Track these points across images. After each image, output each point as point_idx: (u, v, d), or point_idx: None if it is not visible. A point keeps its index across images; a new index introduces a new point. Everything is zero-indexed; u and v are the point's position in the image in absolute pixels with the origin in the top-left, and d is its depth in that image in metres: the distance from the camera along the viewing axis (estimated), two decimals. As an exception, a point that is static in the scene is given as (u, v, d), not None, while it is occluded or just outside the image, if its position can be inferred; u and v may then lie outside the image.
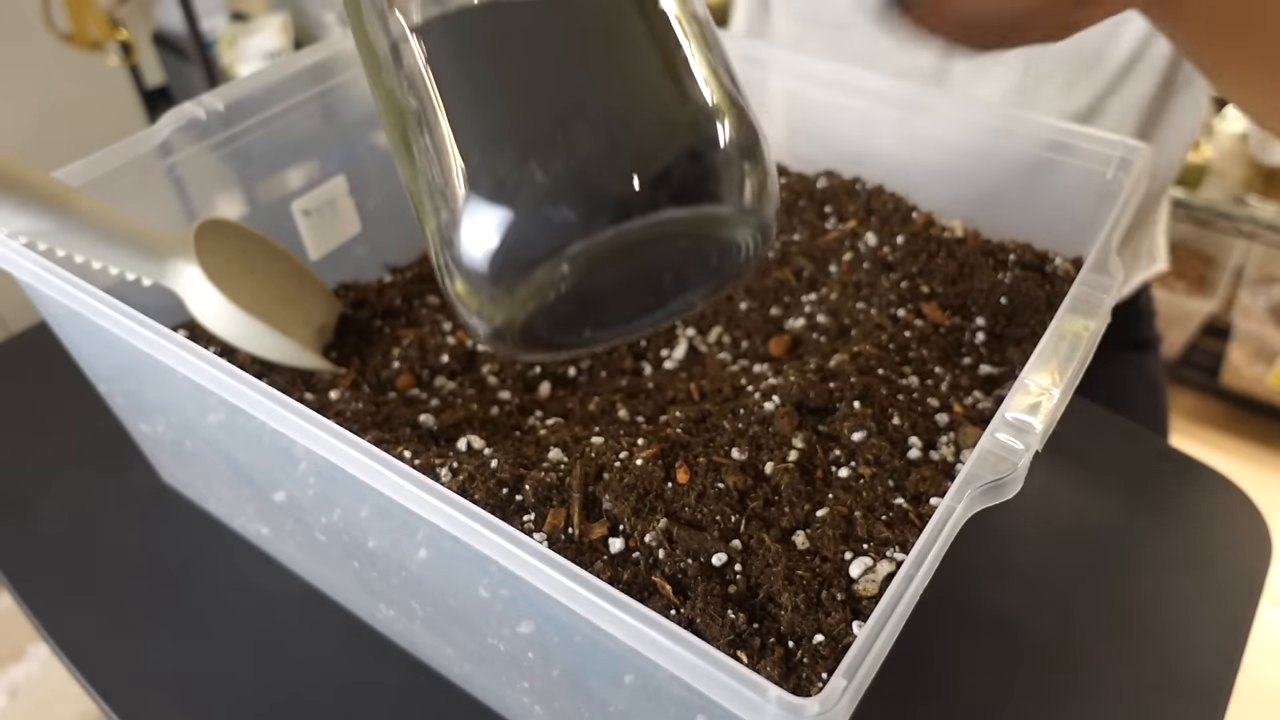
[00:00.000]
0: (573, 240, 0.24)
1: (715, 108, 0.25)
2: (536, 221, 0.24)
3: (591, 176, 0.24)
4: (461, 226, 0.25)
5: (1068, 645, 0.54)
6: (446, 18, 0.26)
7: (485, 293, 0.25)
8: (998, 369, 0.51)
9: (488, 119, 0.25)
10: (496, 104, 0.25)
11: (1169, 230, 0.83)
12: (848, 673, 0.28)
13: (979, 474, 0.33)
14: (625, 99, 0.25)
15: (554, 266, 0.25)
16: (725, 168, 0.25)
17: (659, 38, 0.26)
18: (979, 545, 0.59)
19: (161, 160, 0.54)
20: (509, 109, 0.25)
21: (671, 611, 0.38)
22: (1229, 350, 1.65)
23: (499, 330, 0.26)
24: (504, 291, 0.25)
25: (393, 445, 0.45)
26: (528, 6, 0.26)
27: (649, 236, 0.25)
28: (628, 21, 0.26)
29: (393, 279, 0.66)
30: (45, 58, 1.56)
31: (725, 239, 0.27)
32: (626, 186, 0.24)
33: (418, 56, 0.26)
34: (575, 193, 0.24)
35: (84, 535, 0.61)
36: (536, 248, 0.25)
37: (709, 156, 0.25)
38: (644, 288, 0.28)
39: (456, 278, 0.26)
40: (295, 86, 0.60)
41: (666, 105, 0.25)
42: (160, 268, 0.51)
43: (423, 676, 0.52)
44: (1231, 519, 0.62)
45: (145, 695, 0.52)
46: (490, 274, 0.25)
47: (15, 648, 1.33)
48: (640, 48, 0.26)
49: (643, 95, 0.25)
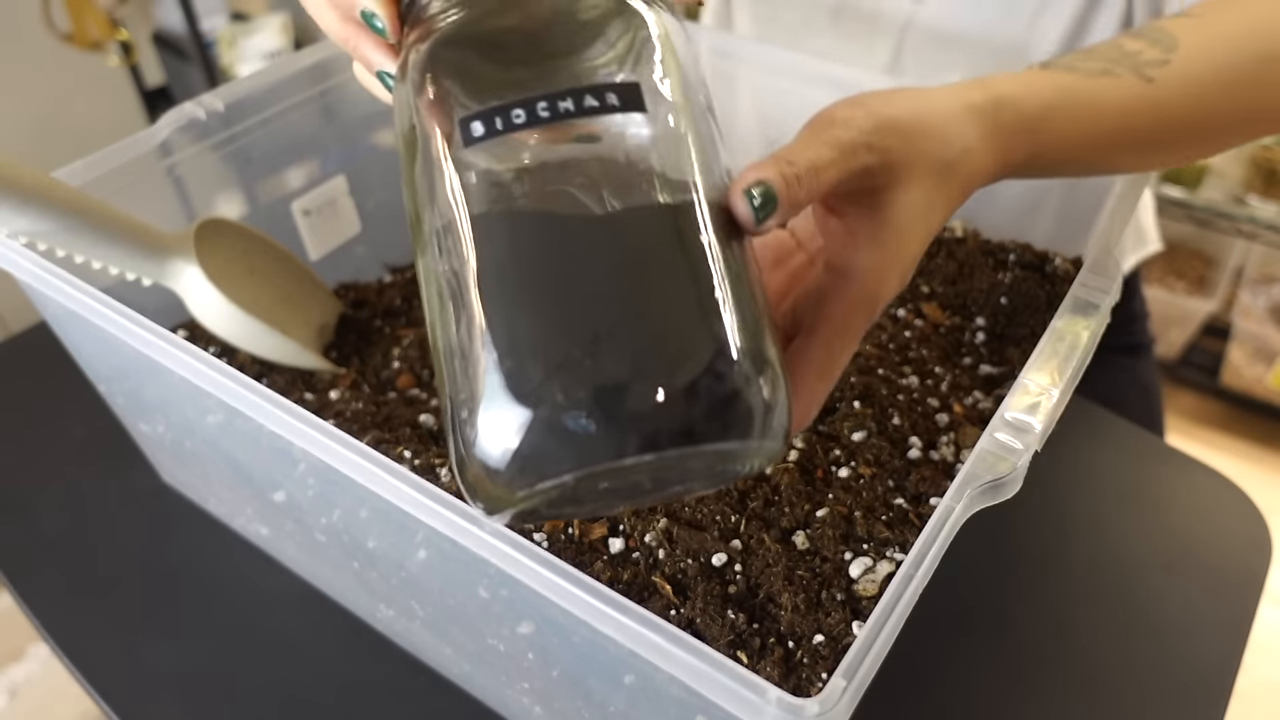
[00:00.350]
0: (588, 464, 0.25)
1: (743, 351, 0.26)
2: (556, 439, 0.25)
3: (615, 406, 0.25)
4: (480, 419, 0.25)
5: (1068, 645, 0.54)
6: (500, 215, 0.27)
7: (490, 482, 0.26)
8: (998, 369, 0.51)
9: (525, 325, 0.26)
10: (534, 312, 0.26)
11: (1156, 212, 0.83)
12: (848, 673, 0.27)
13: (979, 474, 0.33)
14: (658, 332, 0.26)
15: (564, 479, 0.25)
16: (746, 410, 0.26)
17: (697, 273, 0.26)
18: (979, 545, 0.59)
19: (161, 160, 0.54)
20: (546, 321, 0.26)
21: (671, 612, 0.38)
22: (1229, 350, 1.65)
23: (496, 509, 0.27)
24: (508, 489, 0.26)
25: (393, 445, 0.45)
26: (580, 222, 0.26)
27: (662, 462, 0.26)
28: (670, 252, 0.27)
29: (393, 279, 0.66)
30: (45, 58, 1.56)
31: (736, 465, 0.28)
32: (648, 420, 0.25)
33: (466, 241, 0.27)
34: (597, 419, 0.25)
35: (84, 535, 0.61)
36: (551, 463, 0.25)
37: (732, 399, 0.26)
38: (648, 487, 0.29)
39: (465, 460, 0.26)
40: (295, 86, 0.60)
41: (697, 344, 0.26)
42: (160, 268, 0.51)
43: (423, 676, 0.52)
44: (1231, 519, 0.62)
45: (145, 695, 0.52)
46: (501, 473, 0.25)
47: (15, 648, 1.33)
48: (679, 281, 0.26)
49: (675, 331, 0.26)
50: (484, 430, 0.25)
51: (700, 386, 0.25)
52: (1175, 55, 0.39)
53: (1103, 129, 0.38)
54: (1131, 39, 0.40)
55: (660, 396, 0.25)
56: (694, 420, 0.25)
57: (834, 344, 0.31)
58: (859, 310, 0.31)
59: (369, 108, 0.69)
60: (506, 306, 0.26)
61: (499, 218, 0.27)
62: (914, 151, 0.32)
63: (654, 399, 0.25)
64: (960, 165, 0.33)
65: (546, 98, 0.27)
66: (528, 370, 0.25)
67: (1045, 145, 0.36)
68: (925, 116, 0.32)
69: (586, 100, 0.27)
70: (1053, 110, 0.36)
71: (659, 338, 0.26)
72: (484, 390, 0.25)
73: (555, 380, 0.25)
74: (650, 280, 0.26)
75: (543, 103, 0.27)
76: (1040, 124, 0.36)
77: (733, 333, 0.26)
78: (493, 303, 0.26)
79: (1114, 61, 0.38)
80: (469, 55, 0.29)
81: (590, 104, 0.27)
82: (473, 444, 0.26)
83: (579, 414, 0.25)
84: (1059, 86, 0.37)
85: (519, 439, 0.25)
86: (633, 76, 0.28)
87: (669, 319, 0.26)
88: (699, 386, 0.25)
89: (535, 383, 0.25)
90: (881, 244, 0.32)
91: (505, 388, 0.25)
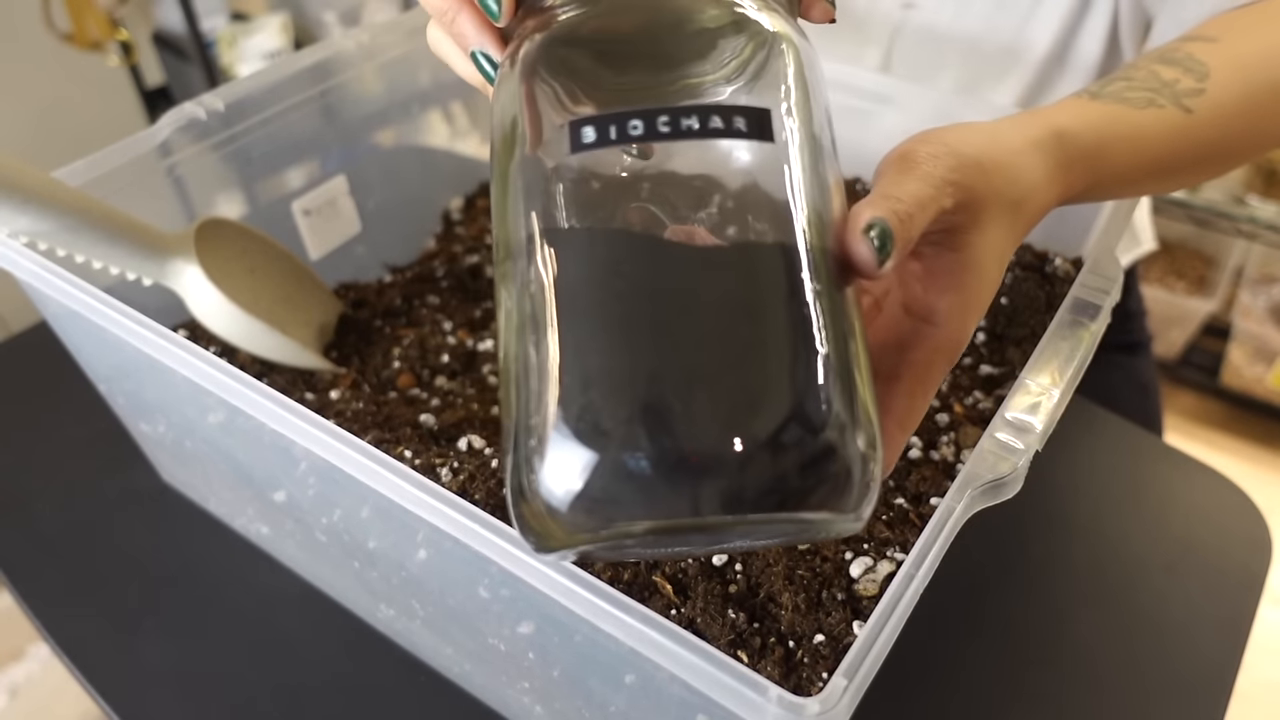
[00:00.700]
0: (662, 517, 0.23)
1: (850, 419, 0.24)
2: (630, 486, 0.23)
3: (701, 460, 0.22)
4: (548, 452, 0.23)
5: (1067, 645, 0.54)
6: (600, 234, 0.25)
7: (550, 519, 0.24)
8: (998, 369, 0.51)
9: (612, 357, 0.23)
10: (624, 345, 0.23)
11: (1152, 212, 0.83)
12: (848, 672, 0.27)
13: (979, 474, 0.33)
14: (757, 386, 0.23)
15: (632, 529, 0.23)
16: (845, 483, 0.24)
17: (805, 324, 0.24)
18: (979, 545, 0.59)
19: (161, 160, 0.54)
20: (636, 356, 0.23)
21: (672, 611, 0.38)
22: (1229, 350, 1.65)
23: (548, 548, 0.25)
24: (568, 530, 0.24)
25: (393, 445, 0.45)
26: (684, 253, 0.24)
27: (740, 523, 0.24)
28: (777, 299, 0.24)
29: (393, 279, 0.66)
30: (45, 58, 1.56)
31: (816, 531, 0.26)
32: (735, 480, 0.23)
33: (558, 255, 0.25)
34: (679, 471, 0.22)
35: (84, 535, 0.61)
36: (622, 511, 0.23)
37: (832, 469, 0.23)
38: (713, 540, 0.26)
39: (524, 492, 0.24)
40: (295, 86, 0.60)
41: (801, 404, 0.23)
42: (160, 267, 0.51)
43: (423, 676, 0.52)
44: (1231, 519, 0.62)
45: (145, 695, 0.52)
46: (563, 513, 0.23)
47: (15, 648, 1.33)
48: (785, 332, 0.24)
49: (777, 387, 0.23)
50: (551, 465, 0.23)
51: (798, 451, 0.23)
52: (1208, 84, 0.40)
53: (1149, 158, 0.38)
54: (1165, 66, 0.41)
55: (752, 456, 0.22)
56: (786, 486, 0.23)
57: (916, 392, 0.30)
58: (941, 357, 0.30)
59: (369, 107, 0.69)
60: (594, 334, 0.24)
61: (598, 236, 0.25)
62: (991, 190, 0.31)
63: (745, 458, 0.22)
64: (1029, 202, 0.33)
65: (669, 112, 0.25)
66: (609, 407, 0.23)
67: (1101, 176, 0.37)
68: (997, 154, 0.32)
69: (712, 121, 0.25)
70: (1107, 142, 0.37)
71: (758, 392, 0.23)
72: (556, 421, 0.23)
73: (638, 423, 0.23)
74: (754, 328, 0.24)
75: (664, 117, 0.25)
76: (1097, 156, 0.36)
77: (839, 396, 0.24)
78: (579, 327, 0.24)
79: (1156, 92, 0.39)
80: (586, 54, 0.27)
81: (715, 125, 0.25)
82: (536, 477, 0.23)
83: (660, 463, 0.22)
84: (1112, 118, 0.37)
85: (590, 481, 0.23)
86: (760, 100, 0.26)
87: (772, 373, 0.23)
88: (797, 451, 0.23)
89: (615, 423, 0.23)
90: (963, 287, 0.31)
91: (580, 423, 0.23)
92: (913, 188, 0.28)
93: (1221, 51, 0.42)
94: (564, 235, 0.25)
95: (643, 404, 0.23)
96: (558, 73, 0.27)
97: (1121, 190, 0.40)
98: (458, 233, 0.71)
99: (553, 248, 0.25)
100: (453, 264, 0.66)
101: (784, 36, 0.28)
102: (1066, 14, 0.63)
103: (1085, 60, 0.64)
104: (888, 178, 0.29)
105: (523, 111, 0.27)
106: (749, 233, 0.25)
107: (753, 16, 0.28)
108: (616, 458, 0.23)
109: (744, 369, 0.23)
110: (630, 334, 0.24)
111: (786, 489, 0.23)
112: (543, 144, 0.26)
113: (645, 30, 0.27)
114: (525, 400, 0.24)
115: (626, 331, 0.24)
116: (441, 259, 0.67)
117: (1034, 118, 0.36)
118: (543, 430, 0.23)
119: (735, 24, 0.27)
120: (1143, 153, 0.38)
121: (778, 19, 0.28)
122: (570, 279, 0.24)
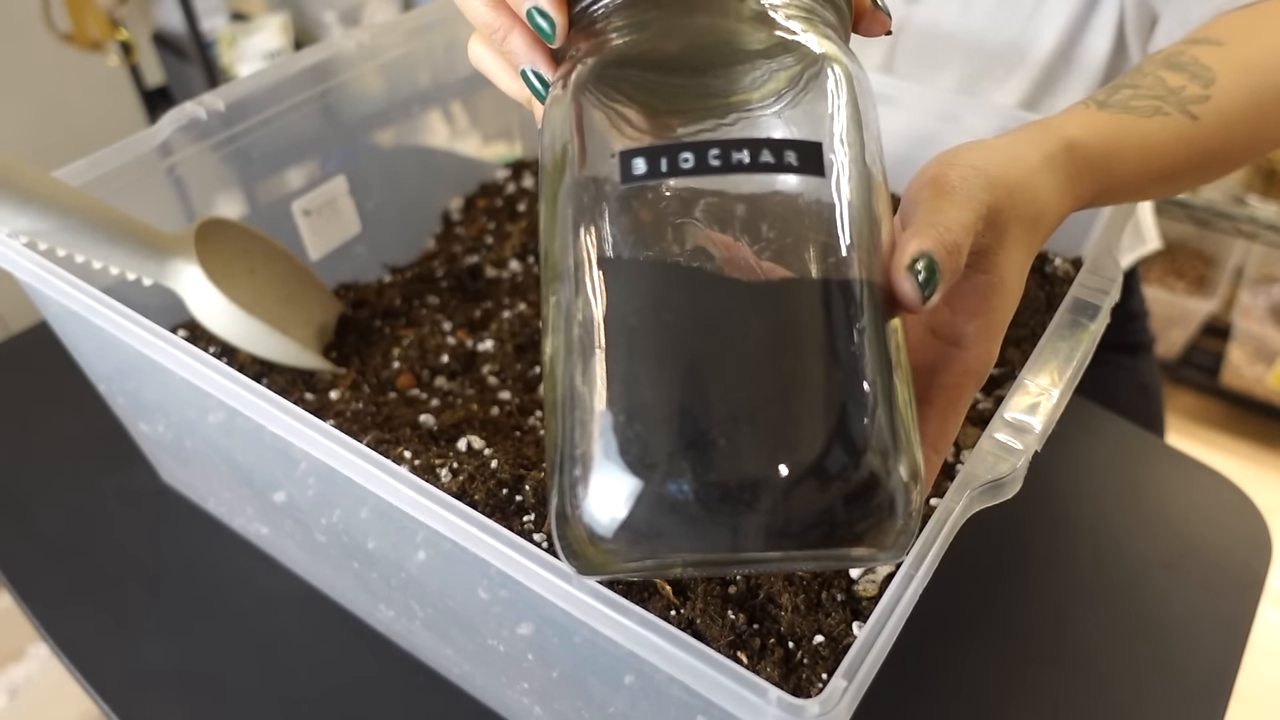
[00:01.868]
0: (705, 550, 0.23)
1: (896, 459, 0.24)
2: (674, 519, 0.23)
3: (745, 496, 0.23)
4: (593, 480, 0.24)
5: (1067, 645, 0.54)
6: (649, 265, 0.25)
7: (593, 546, 0.24)
8: (998, 369, 0.51)
9: (660, 390, 0.24)
10: (672, 378, 0.24)
11: (1156, 219, 0.83)
12: (848, 673, 0.27)
13: (978, 474, 0.33)
14: (804, 424, 0.23)
15: (674, 559, 0.24)
16: (888, 522, 0.24)
17: (854, 362, 0.24)
18: (979, 545, 0.59)
19: (162, 160, 0.54)
20: (684, 390, 0.24)
21: (671, 612, 0.38)
22: (1229, 350, 1.65)
23: (590, 571, 0.25)
24: (611, 557, 0.24)
25: (393, 445, 0.45)
26: (733, 287, 0.25)
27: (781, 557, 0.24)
28: (825, 335, 0.24)
29: (393, 279, 0.66)
30: (45, 58, 1.56)
31: (853, 562, 0.26)
32: (779, 517, 0.23)
33: (607, 284, 0.25)
34: (723, 506, 0.23)
35: (84, 535, 0.61)
36: (665, 542, 0.23)
37: (874, 509, 0.24)
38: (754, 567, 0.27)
39: (568, 519, 0.24)
40: (295, 86, 0.60)
41: (847, 444, 0.23)
42: (160, 267, 0.51)
43: (423, 676, 0.52)
44: (1231, 519, 0.62)
45: (145, 695, 0.52)
46: (607, 540, 0.24)
47: (15, 648, 1.33)
48: (833, 370, 0.24)
49: (823, 425, 0.23)
50: (596, 493, 0.24)
51: (843, 491, 0.23)
52: (1213, 90, 0.40)
53: (1156, 165, 0.38)
54: (1171, 72, 0.41)
55: (797, 494, 0.23)
56: (831, 519, 0.23)
57: (948, 415, 0.30)
58: (971, 379, 0.30)
59: (369, 107, 0.69)
60: (644, 365, 0.24)
61: (647, 267, 0.25)
62: (1015, 210, 0.31)
63: (790, 496, 0.23)
64: (1046, 216, 0.33)
65: (720, 145, 0.25)
66: (656, 439, 0.23)
67: (1110, 185, 0.37)
68: (1019, 173, 0.32)
69: (763, 155, 0.25)
70: (1116, 153, 0.37)
71: (801, 426, 0.23)
72: (602, 450, 0.23)
73: (685, 456, 0.23)
74: (802, 365, 0.24)
75: (715, 150, 0.25)
76: (1106, 167, 0.36)
77: (885, 436, 0.24)
78: (628, 358, 0.24)
79: (1162, 99, 0.39)
80: (638, 76, 0.28)
81: (766, 160, 0.25)
82: (581, 505, 0.24)
83: (704, 497, 0.23)
84: (1120, 127, 0.37)
85: (634, 511, 0.23)
86: (809, 121, 0.26)
87: (819, 411, 0.23)
88: (841, 490, 0.23)
89: (662, 454, 0.23)
90: (991, 309, 0.31)
91: (627, 453, 0.23)
92: (955, 215, 0.28)
93: (1227, 56, 0.42)
94: (612, 265, 0.25)
95: (689, 438, 0.23)
96: (611, 96, 0.27)
97: (1128, 196, 0.40)
98: (457, 233, 0.71)
99: (602, 277, 0.25)
100: (452, 264, 0.66)
101: (833, 58, 0.28)
102: (1073, 11, 0.62)
103: (1091, 59, 0.64)
104: (927, 206, 0.29)
105: (574, 137, 0.27)
106: (797, 263, 0.25)
107: (800, 39, 0.28)
108: (661, 489, 0.23)
109: (786, 404, 0.24)
110: (677, 367, 0.24)
111: (831, 522, 0.23)
112: (593, 170, 0.26)
113: (695, 53, 0.27)
114: (571, 427, 0.25)
115: (677, 364, 0.24)
116: (441, 259, 0.67)
117: (1045, 131, 0.35)
118: (588, 459, 0.24)
119: (782, 45, 0.27)
120: (1150, 161, 0.38)
121: (827, 42, 0.28)
122: (618, 310, 0.25)
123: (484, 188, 0.76)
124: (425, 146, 0.78)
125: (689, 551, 0.24)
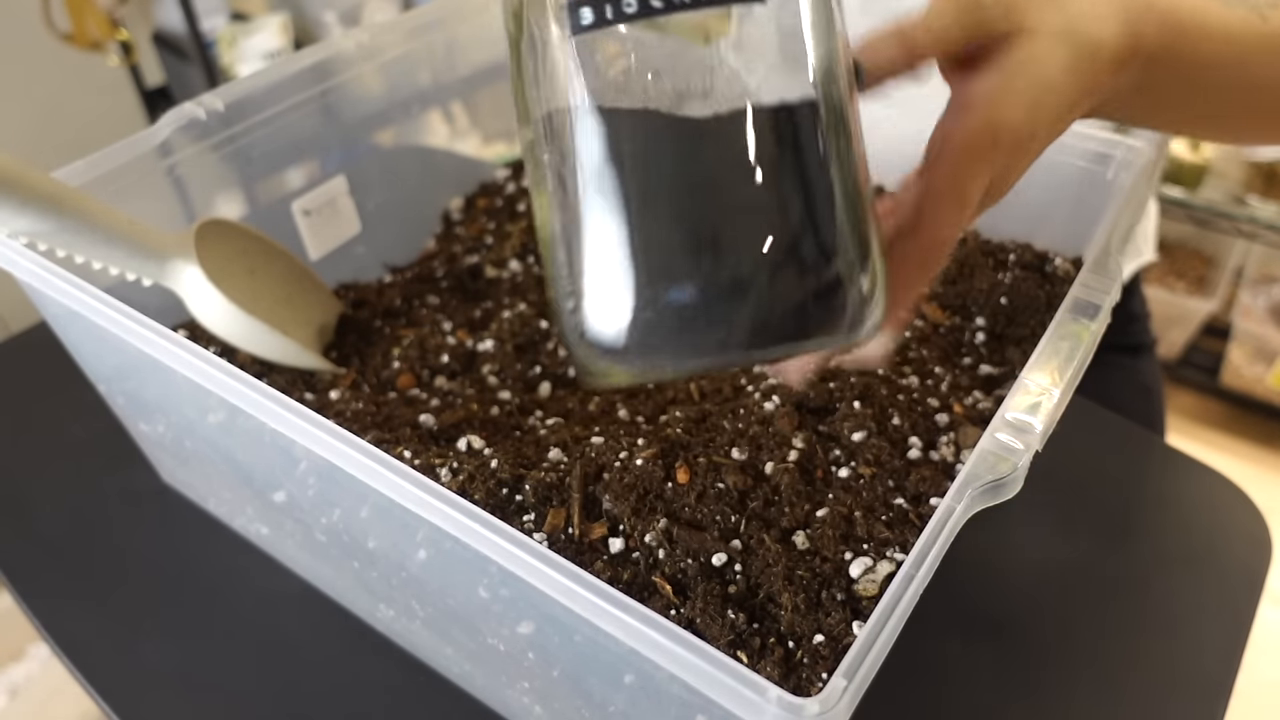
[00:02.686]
0: (694, 357, 0.27)
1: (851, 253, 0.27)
2: (665, 332, 0.26)
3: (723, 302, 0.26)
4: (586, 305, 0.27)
5: (1068, 645, 0.54)
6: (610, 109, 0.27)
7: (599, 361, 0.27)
8: (998, 369, 0.51)
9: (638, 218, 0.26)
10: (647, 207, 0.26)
11: (1159, 221, 0.83)
12: (848, 673, 0.27)
13: (979, 474, 0.33)
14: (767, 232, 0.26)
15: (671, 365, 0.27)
16: (849, 313, 0.27)
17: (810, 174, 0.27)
18: (979, 545, 0.59)
19: (161, 160, 0.54)
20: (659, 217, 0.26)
21: (671, 611, 0.38)
22: (1229, 350, 1.65)
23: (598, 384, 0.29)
24: (614, 370, 0.27)
25: (393, 445, 0.45)
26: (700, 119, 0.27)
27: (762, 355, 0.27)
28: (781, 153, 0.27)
29: (393, 279, 0.66)
30: (45, 58, 1.56)
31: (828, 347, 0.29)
32: (755, 318, 0.26)
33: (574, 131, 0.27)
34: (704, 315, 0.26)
35: (84, 535, 0.61)
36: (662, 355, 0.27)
37: (840, 305, 0.27)
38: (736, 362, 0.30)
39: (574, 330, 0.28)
40: (295, 86, 0.60)
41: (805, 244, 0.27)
42: (160, 268, 0.51)
43: (423, 676, 0.52)
44: (1231, 519, 0.62)
45: (145, 695, 0.52)
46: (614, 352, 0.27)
47: (15, 648, 1.33)
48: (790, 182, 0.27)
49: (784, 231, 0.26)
50: (592, 315, 0.27)
51: (808, 286, 0.26)
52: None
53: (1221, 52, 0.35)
54: None
55: (768, 296, 0.26)
56: (801, 322, 0.26)
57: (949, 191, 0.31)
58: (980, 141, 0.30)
59: (369, 108, 0.69)
60: (619, 198, 0.26)
61: (609, 111, 0.27)
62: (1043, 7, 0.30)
63: (762, 298, 0.26)
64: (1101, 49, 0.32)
65: None
66: (648, 255, 0.26)
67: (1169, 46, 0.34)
68: None
69: None
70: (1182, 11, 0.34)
71: (768, 237, 0.26)
72: (594, 276, 0.27)
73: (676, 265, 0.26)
74: (762, 181, 0.27)
75: None
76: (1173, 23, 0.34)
77: (843, 235, 0.27)
78: (606, 193, 0.26)
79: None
80: None
81: None
82: (585, 319, 0.27)
83: (687, 309, 0.26)
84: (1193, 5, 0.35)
85: (628, 328, 0.26)
86: None
87: (780, 220, 0.26)
88: (807, 286, 0.26)
89: (650, 274, 0.26)
90: (999, 69, 0.30)
91: (623, 274, 0.26)
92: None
93: None
94: (581, 113, 0.27)
95: (675, 249, 0.26)
96: None
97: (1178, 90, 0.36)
98: (457, 233, 0.71)
99: (570, 126, 0.27)
100: (453, 264, 0.66)
101: None
102: None
103: None
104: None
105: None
106: (756, 91, 0.27)
107: None
108: (651, 307, 0.26)
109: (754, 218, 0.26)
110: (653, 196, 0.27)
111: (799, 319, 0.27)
112: (547, 26, 0.28)
113: None
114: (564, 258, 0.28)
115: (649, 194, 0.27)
116: (441, 259, 0.67)
117: None
118: (580, 287, 0.27)
119: None
120: (1213, 39, 0.35)
121: None
122: (590, 153, 0.27)
123: (484, 188, 0.76)
124: (425, 146, 0.78)
125: (681, 361, 0.27)
